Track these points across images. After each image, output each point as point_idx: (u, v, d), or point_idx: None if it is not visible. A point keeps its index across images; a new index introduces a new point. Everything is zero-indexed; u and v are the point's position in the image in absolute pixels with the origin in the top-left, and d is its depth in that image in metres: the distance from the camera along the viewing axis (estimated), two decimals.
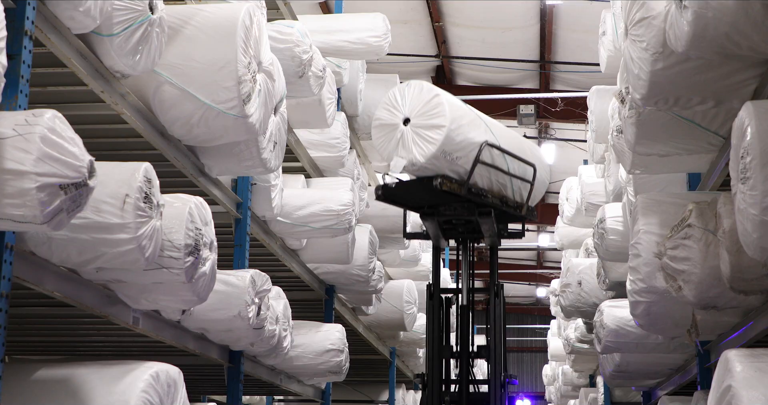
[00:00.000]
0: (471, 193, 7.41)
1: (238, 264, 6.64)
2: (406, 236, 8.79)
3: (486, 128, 7.56)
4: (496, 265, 8.49)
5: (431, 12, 15.14)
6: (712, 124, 5.48)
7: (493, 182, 7.67)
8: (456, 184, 7.30)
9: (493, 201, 7.67)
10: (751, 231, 3.89)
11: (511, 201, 7.94)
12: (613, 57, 7.71)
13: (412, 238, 8.97)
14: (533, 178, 8.06)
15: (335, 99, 8.07)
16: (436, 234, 8.19)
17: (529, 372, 34.03)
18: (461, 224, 8.15)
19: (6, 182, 3.40)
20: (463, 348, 8.24)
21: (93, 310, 4.65)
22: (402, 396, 14.53)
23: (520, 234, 8.72)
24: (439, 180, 7.17)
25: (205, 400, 9.91)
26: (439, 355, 8.11)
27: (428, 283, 8.42)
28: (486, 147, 7.38)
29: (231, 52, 5.03)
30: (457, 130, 7.14)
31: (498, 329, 8.08)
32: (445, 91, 7.48)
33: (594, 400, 13.49)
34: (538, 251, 27.15)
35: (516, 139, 8.24)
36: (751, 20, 3.98)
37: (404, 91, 7.31)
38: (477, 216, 7.72)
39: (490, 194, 7.65)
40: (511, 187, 7.93)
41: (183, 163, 5.52)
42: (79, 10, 4.05)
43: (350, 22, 8.65)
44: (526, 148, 8.30)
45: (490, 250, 8.57)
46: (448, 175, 7.26)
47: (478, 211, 7.69)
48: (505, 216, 8.07)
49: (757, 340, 5.16)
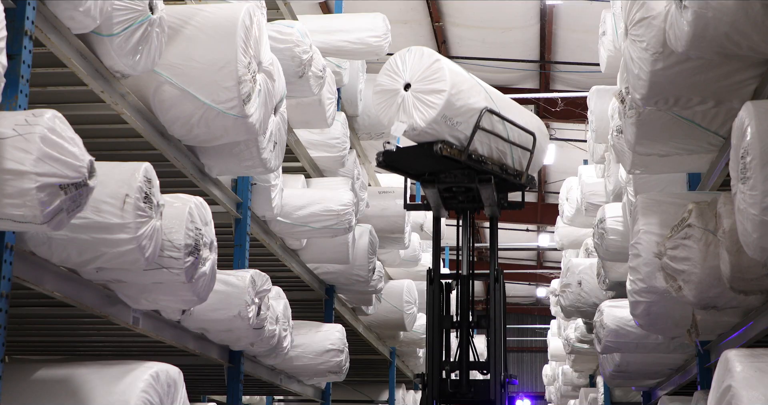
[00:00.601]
0: (471, 159, 7.47)
1: (238, 264, 6.64)
2: (406, 207, 8.84)
3: (486, 95, 7.59)
4: (496, 236, 8.52)
5: (431, 12, 15.15)
6: (712, 124, 5.48)
7: (492, 149, 7.71)
8: (456, 150, 7.37)
9: (492, 168, 7.70)
10: (751, 231, 3.89)
11: (510, 169, 7.97)
12: (613, 57, 7.71)
13: (413, 209, 8.99)
14: (533, 147, 8.08)
15: (335, 99, 8.07)
16: (437, 203, 8.19)
17: (529, 372, 34.02)
18: (461, 192, 8.16)
19: (6, 182, 3.40)
20: (464, 318, 8.25)
21: (93, 310, 4.65)
22: (402, 396, 14.53)
23: (521, 204, 8.74)
24: (439, 145, 7.22)
25: (205, 400, 9.91)
26: (440, 327, 8.12)
27: (428, 268, 8.46)
28: (486, 113, 7.42)
29: (231, 52, 5.03)
30: (458, 95, 7.19)
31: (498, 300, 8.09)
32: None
33: (594, 400, 13.49)
34: (538, 251, 27.15)
35: (516, 107, 8.26)
36: (751, 20, 3.98)
37: (405, 57, 7.38)
38: (477, 183, 7.74)
39: (490, 161, 7.69)
40: (511, 155, 7.95)
41: (183, 163, 5.52)
42: (79, 10, 4.05)
43: (350, 22, 8.65)
44: (526, 116, 8.33)
45: (490, 220, 8.59)
46: (448, 141, 7.31)
47: (478, 178, 7.72)
48: (504, 184, 8.11)
49: (757, 340, 5.16)
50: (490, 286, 8.25)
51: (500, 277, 8.28)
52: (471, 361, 8.26)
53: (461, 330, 8.31)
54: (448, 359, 8.24)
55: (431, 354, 8.09)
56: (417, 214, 12.02)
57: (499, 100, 7.82)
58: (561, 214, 11.73)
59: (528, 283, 30.48)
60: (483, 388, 8.15)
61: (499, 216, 8.56)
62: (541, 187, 22.72)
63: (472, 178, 7.74)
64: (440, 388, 8.08)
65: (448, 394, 8.17)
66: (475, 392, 8.24)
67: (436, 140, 7.26)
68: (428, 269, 8.46)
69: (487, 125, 7.50)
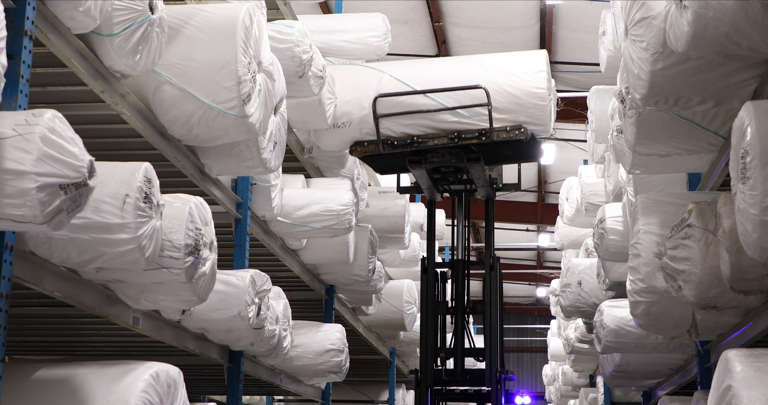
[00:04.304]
0: (395, 146, 7.44)
1: (238, 264, 6.64)
2: (399, 190, 8.84)
3: (389, 78, 7.62)
4: (492, 220, 8.47)
5: (431, 12, 15.14)
6: (712, 124, 5.48)
7: (431, 125, 7.54)
8: (372, 146, 7.39)
9: (437, 143, 7.53)
10: (751, 231, 3.89)
11: (470, 133, 7.50)
12: (613, 57, 7.71)
13: (406, 192, 8.99)
14: (488, 99, 7.40)
15: (335, 99, 8.06)
16: (428, 185, 8.15)
17: (529, 372, 34.02)
18: (450, 173, 8.09)
19: (6, 182, 3.40)
20: (459, 303, 8.22)
21: (93, 310, 4.65)
22: (402, 396, 14.52)
23: (517, 186, 8.66)
24: (349, 148, 7.47)
25: (205, 400, 9.92)
26: (434, 314, 8.10)
27: (422, 257, 8.45)
28: (384, 98, 7.44)
29: (231, 52, 5.03)
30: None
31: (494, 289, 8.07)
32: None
33: (594, 400, 13.49)
34: (538, 251, 27.15)
35: (458, 69, 7.73)
36: (751, 20, 3.98)
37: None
38: (465, 162, 7.66)
39: (434, 138, 7.52)
40: (470, 119, 7.52)
41: (183, 163, 5.52)
42: (79, 10, 4.05)
43: (350, 22, 8.65)
44: (479, 71, 7.62)
45: (485, 203, 8.53)
46: (360, 141, 7.38)
47: (466, 156, 7.63)
48: (496, 154, 7.77)
49: (757, 340, 5.16)
50: (485, 275, 8.20)
51: (496, 265, 8.22)
52: (466, 347, 8.20)
53: (456, 316, 8.25)
54: (443, 346, 8.17)
55: (425, 340, 8.03)
56: (417, 214, 12.01)
57: (422, 72, 7.66)
58: (561, 214, 11.73)
59: (528, 283, 30.49)
60: (478, 376, 8.10)
61: (494, 197, 8.48)
62: (541, 187, 22.72)
63: (460, 157, 7.61)
64: (434, 376, 8.02)
65: (442, 382, 8.11)
66: (470, 380, 8.19)
67: (354, 142, 7.45)
68: (422, 258, 8.42)
69: (399, 108, 7.47)
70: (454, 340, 8.22)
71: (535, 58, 7.62)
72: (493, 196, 8.42)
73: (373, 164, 8.20)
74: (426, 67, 7.89)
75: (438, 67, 7.91)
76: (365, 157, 7.87)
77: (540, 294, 30.04)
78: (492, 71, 7.51)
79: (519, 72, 7.50)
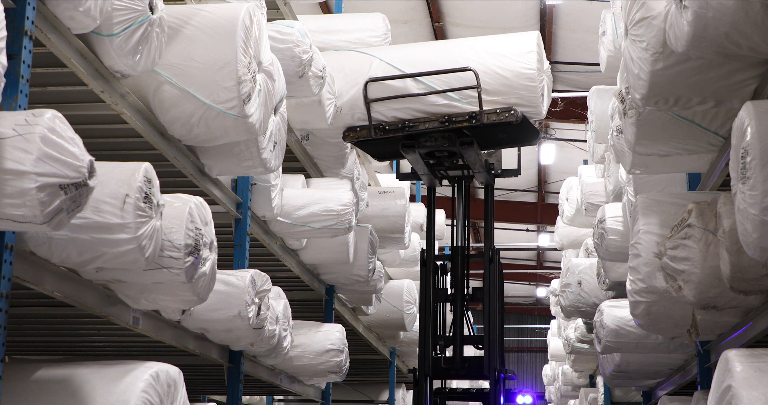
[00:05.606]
0: (387, 131, 7.43)
1: (238, 264, 6.64)
2: (398, 177, 8.82)
3: (379, 62, 7.58)
4: (492, 209, 8.42)
5: (431, 12, 15.15)
6: (712, 124, 5.48)
7: (421, 109, 7.52)
8: (364, 131, 7.37)
9: (428, 126, 7.50)
10: (751, 231, 3.89)
11: (461, 116, 7.46)
12: (613, 57, 7.71)
13: (405, 179, 8.97)
14: (477, 81, 7.32)
15: (335, 99, 8.06)
16: (425, 171, 8.13)
17: (529, 372, 34.03)
18: (445, 157, 8.05)
19: (6, 182, 3.40)
20: (458, 290, 8.20)
21: (93, 310, 4.65)
22: (402, 396, 14.52)
23: (516, 172, 8.61)
24: (342, 134, 7.46)
25: (205, 400, 9.92)
26: (433, 301, 8.08)
27: (421, 249, 8.42)
28: (375, 83, 7.42)
29: (231, 52, 5.03)
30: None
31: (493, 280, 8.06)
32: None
33: (594, 400, 13.50)
34: (538, 251, 27.16)
35: (449, 51, 7.67)
36: (751, 20, 3.98)
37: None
38: (458, 146, 7.61)
39: (425, 122, 7.49)
40: (460, 102, 7.47)
41: (183, 163, 5.52)
42: (79, 10, 4.05)
43: (350, 22, 8.64)
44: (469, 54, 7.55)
45: (485, 189, 8.50)
46: (353, 126, 7.36)
47: (459, 141, 7.58)
48: (490, 137, 7.70)
49: (757, 340, 5.16)
50: (485, 266, 8.17)
51: (495, 257, 8.19)
52: (465, 335, 8.17)
53: (455, 304, 8.23)
54: (443, 334, 8.14)
55: (424, 328, 8.00)
56: (417, 214, 12.02)
57: (411, 55, 7.64)
58: (561, 214, 11.74)
59: (528, 283, 30.50)
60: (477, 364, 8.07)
61: (493, 183, 8.44)
62: (541, 187, 22.72)
63: (453, 140, 7.55)
64: (433, 364, 7.99)
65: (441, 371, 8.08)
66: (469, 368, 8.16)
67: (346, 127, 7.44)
68: (421, 250, 8.40)
69: (388, 92, 7.46)
70: (453, 328, 8.19)
71: (525, 38, 7.52)
72: (492, 182, 8.37)
73: (368, 150, 8.17)
74: (417, 50, 7.87)
75: (429, 50, 7.89)
76: (359, 142, 7.85)
77: (540, 294, 30.05)
78: (482, 53, 7.46)
79: (509, 53, 7.42)
